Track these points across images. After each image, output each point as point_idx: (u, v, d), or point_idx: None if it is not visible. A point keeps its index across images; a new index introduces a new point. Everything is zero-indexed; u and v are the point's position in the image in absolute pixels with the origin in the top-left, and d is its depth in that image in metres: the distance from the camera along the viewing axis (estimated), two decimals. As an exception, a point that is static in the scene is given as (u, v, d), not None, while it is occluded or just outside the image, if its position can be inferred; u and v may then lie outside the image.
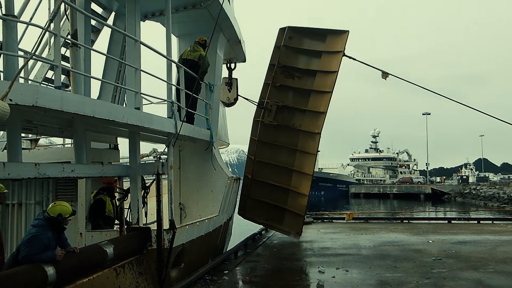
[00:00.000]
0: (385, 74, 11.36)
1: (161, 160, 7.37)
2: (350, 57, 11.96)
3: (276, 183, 11.85)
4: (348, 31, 12.24)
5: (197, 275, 7.50)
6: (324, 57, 12.23)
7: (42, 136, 9.22)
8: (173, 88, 8.65)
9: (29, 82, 8.18)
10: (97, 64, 9.42)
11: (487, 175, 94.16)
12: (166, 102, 7.60)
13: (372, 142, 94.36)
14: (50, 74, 8.56)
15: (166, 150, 7.68)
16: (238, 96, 11.76)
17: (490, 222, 16.33)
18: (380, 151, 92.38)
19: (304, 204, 11.61)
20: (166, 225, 7.16)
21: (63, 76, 8.49)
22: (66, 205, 5.04)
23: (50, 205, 5.04)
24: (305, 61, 12.46)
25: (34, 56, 4.95)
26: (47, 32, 5.95)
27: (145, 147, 11.72)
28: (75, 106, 4.80)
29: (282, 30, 12.50)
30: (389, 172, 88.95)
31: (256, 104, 12.00)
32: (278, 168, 11.99)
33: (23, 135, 8.93)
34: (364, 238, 12.24)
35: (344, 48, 11.88)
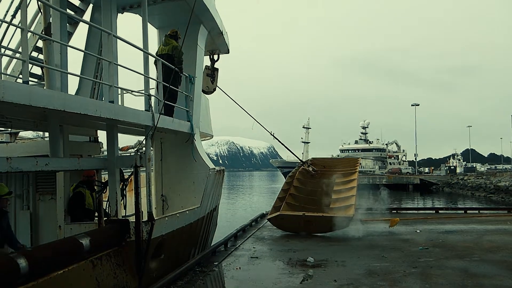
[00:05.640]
0: (392, 223, 11.94)
1: (139, 153, 7.37)
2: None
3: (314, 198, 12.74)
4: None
5: (186, 266, 7.58)
6: None
7: (20, 130, 9.17)
8: (154, 82, 8.66)
9: (7, 77, 8.15)
10: (78, 56, 9.34)
11: (474, 166, 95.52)
12: (143, 95, 7.61)
13: (361, 133, 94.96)
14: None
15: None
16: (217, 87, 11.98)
17: (477, 211, 16.58)
18: (369, 142, 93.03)
19: (353, 194, 12.31)
20: (146, 217, 7.23)
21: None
22: (2, 185, 5.05)
23: None
24: None
25: (2, 51, 4.90)
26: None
27: (132, 140, 11.76)
28: (44, 100, 4.79)
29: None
30: (379, 163, 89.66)
31: (230, 97, 13.25)
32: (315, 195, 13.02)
33: (1, 129, 8.93)
34: (353, 228, 12.38)
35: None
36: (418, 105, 76.01)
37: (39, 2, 7.17)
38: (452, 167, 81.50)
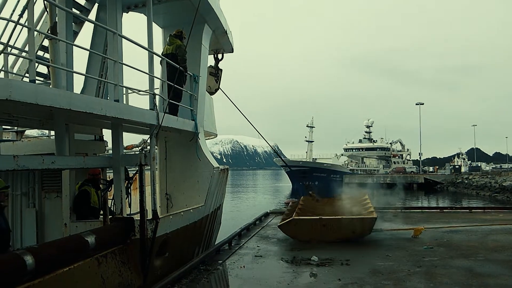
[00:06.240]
0: (416, 232, 10.99)
1: (143, 151, 7.42)
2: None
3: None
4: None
5: (191, 265, 7.60)
6: None
7: (26, 128, 9.25)
8: (159, 81, 8.70)
9: (13, 75, 8.21)
10: (84, 55, 9.42)
11: (479, 165, 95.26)
12: (148, 94, 7.65)
13: (365, 132, 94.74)
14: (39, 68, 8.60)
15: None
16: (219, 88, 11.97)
17: (482, 210, 16.42)
18: (373, 141, 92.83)
19: (370, 205, 11.76)
20: (150, 215, 7.28)
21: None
22: None
23: None
24: None
25: (9, 50, 4.95)
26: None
27: (137, 139, 11.85)
28: (50, 99, 4.85)
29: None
30: (383, 162, 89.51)
31: (235, 106, 12.82)
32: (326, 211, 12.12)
33: (8, 127, 9.01)
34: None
35: None
36: (423, 104, 75.72)
37: (45, 2, 7.22)
38: (457, 166, 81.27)
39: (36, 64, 6.11)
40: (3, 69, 6.68)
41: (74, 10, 8.60)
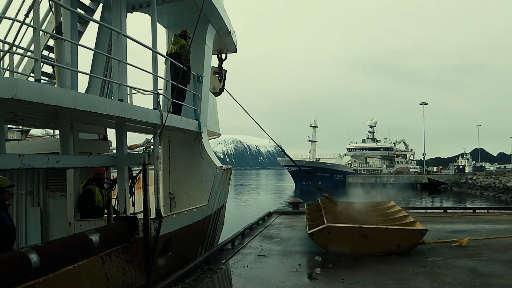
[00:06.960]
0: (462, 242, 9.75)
1: (147, 151, 7.46)
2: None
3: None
4: None
5: (194, 264, 7.62)
6: None
7: (31, 128, 9.31)
8: (163, 80, 8.74)
9: (18, 75, 8.27)
10: (88, 55, 9.48)
11: (483, 165, 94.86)
12: (152, 93, 7.70)
13: (369, 132, 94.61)
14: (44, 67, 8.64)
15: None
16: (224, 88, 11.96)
17: (486, 211, 16.31)
18: (377, 141, 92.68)
19: (404, 214, 10.63)
20: (154, 214, 7.32)
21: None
22: (3, 178, 5.13)
23: None
24: None
25: (14, 49, 5.00)
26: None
27: (141, 138, 11.90)
28: (55, 98, 4.88)
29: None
30: (386, 162, 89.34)
31: (242, 107, 12.53)
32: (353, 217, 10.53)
33: (13, 126, 9.07)
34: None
35: None
36: (427, 104, 75.66)
37: (51, 2, 7.27)
38: (461, 167, 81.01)
39: (41, 64, 6.18)
40: (8, 68, 6.74)
41: (79, 10, 8.65)
